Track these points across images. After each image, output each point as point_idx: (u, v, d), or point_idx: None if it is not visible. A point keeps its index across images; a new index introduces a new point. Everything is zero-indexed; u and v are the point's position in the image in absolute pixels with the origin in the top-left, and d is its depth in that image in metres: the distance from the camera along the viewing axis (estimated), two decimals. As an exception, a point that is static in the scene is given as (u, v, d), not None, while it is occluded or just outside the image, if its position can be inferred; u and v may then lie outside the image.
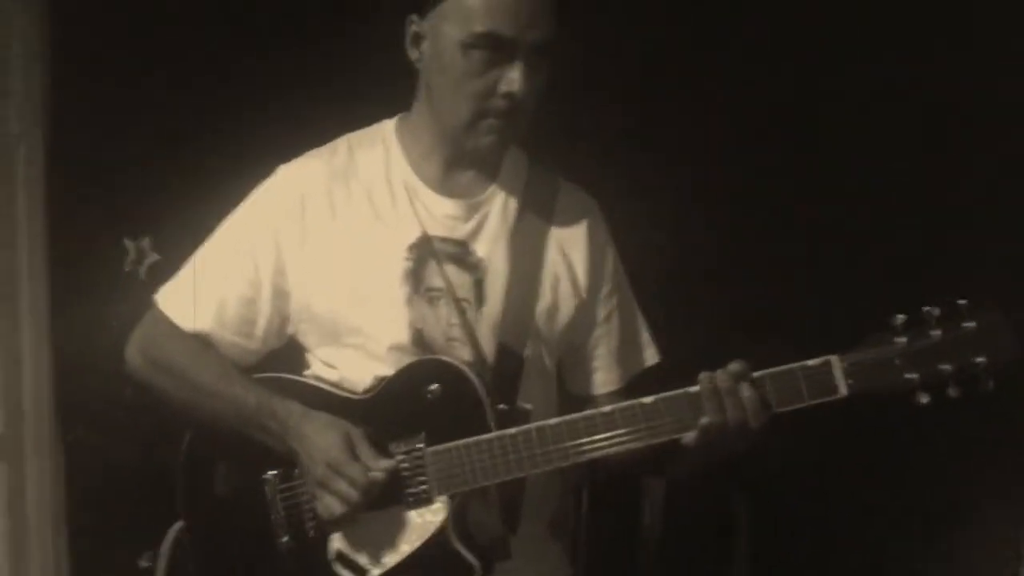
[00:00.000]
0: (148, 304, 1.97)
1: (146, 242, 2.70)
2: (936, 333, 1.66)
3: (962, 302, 1.66)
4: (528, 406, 1.82)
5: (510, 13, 1.74)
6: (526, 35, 1.75)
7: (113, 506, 2.67)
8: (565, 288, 1.91)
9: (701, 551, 2.77)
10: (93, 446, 2.71)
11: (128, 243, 2.71)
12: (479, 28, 1.74)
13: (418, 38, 1.82)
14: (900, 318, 1.67)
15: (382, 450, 1.77)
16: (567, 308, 1.91)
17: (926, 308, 1.67)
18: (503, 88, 1.76)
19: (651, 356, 2.01)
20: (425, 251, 1.85)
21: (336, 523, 1.78)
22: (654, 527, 2.61)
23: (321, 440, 1.76)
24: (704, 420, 1.69)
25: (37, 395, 2.61)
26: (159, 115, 2.68)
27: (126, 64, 2.66)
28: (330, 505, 1.75)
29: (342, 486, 1.74)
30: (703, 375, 1.72)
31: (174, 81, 2.67)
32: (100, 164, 2.67)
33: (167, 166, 2.65)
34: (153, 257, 2.69)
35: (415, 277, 1.84)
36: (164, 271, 2.03)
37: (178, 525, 1.99)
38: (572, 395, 1.98)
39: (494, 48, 1.75)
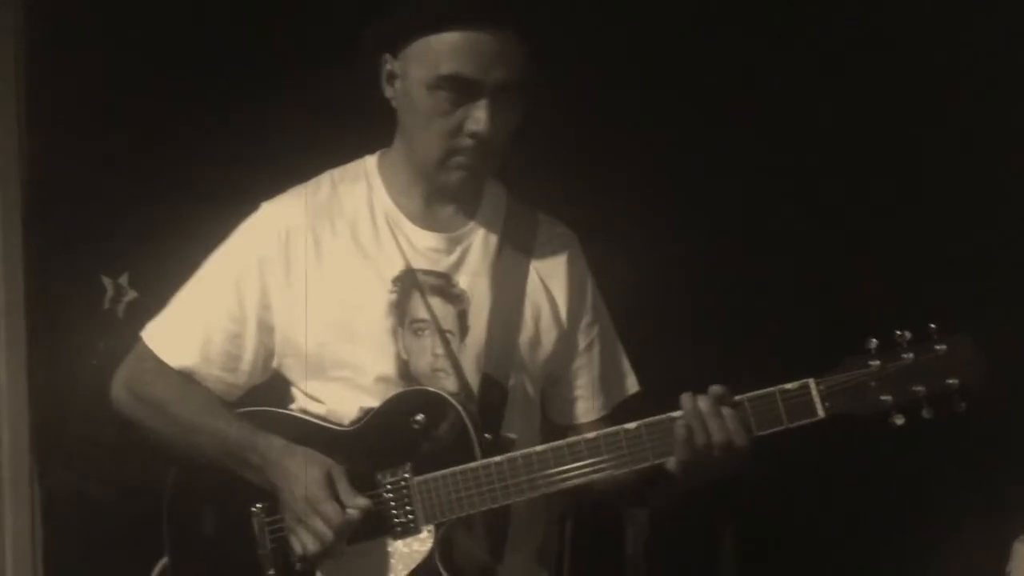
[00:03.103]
0: (131, 341, 1.98)
1: (124, 279, 2.70)
2: (909, 356, 1.70)
3: (932, 326, 1.71)
4: (512, 435, 1.85)
5: (473, 55, 1.77)
6: (489, 76, 1.78)
7: (92, 547, 2.64)
8: (546, 319, 1.94)
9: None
10: (72, 487, 2.69)
11: (106, 280, 2.71)
12: (443, 70, 1.78)
13: (392, 77, 1.86)
14: (873, 342, 1.72)
15: (367, 484, 1.79)
16: (549, 338, 1.94)
17: (898, 332, 1.71)
18: (469, 128, 1.80)
19: (631, 385, 2.04)
20: (409, 283, 1.88)
21: (317, 557, 1.78)
22: (639, 556, 2.62)
23: (301, 474, 1.78)
24: (687, 441, 1.72)
25: (15, 435, 2.60)
26: (136, 152, 2.69)
27: (103, 102, 2.66)
28: (304, 541, 1.77)
29: (317, 523, 1.75)
30: (685, 396, 1.75)
31: (151, 119, 2.68)
32: (78, 201, 2.67)
33: (145, 203, 2.65)
34: (132, 294, 2.69)
35: (400, 309, 1.87)
36: (143, 308, 2.04)
37: (163, 562, 1.99)
38: (554, 424, 2.01)
39: (458, 89, 1.79)
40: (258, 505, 1.85)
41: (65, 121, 2.64)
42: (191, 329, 1.91)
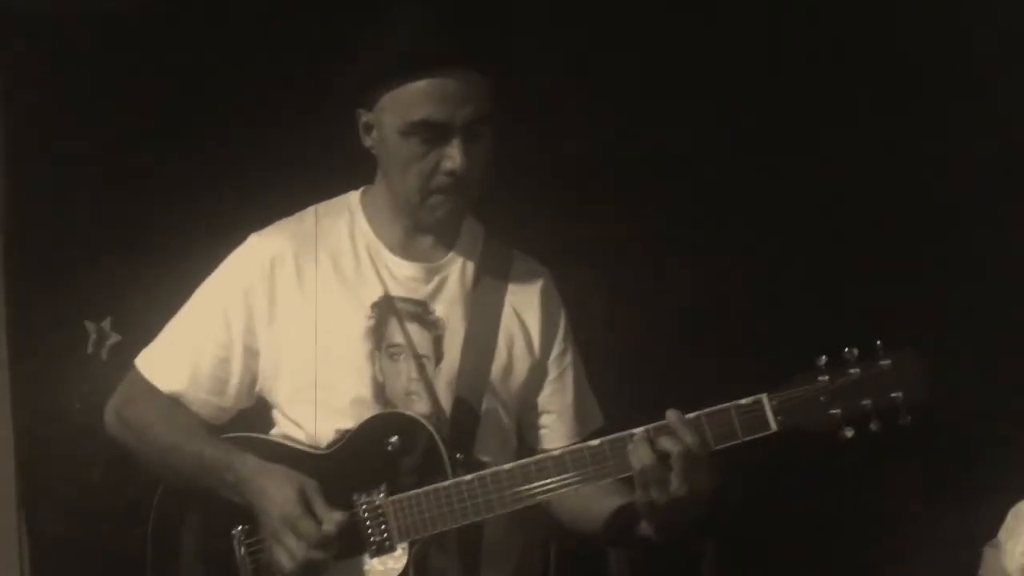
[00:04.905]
0: (115, 385, 2.07)
1: (107, 323, 2.75)
2: (855, 371, 1.79)
3: (878, 342, 1.80)
4: (486, 458, 1.94)
5: (440, 98, 1.88)
6: (458, 115, 1.89)
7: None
8: (519, 348, 2.03)
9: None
10: (59, 529, 2.71)
11: (89, 325, 2.75)
12: (413, 117, 1.89)
13: (368, 127, 1.98)
14: (823, 359, 1.81)
15: (343, 504, 1.86)
16: (522, 367, 2.03)
17: (846, 349, 1.80)
18: (445, 167, 1.91)
19: (599, 418, 2.11)
20: (387, 310, 1.97)
21: (298, 574, 1.83)
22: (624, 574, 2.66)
23: (276, 494, 1.85)
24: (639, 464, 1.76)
25: (0, 480, 2.62)
26: (115, 198, 2.73)
27: (82, 149, 2.71)
28: (281, 560, 1.83)
29: (292, 542, 1.82)
30: (638, 433, 1.79)
31: (130, 165, 2.72)
32: (58, 247, 2.72)
33: (126, 247, 2.70)
34: (115, 338, 2.74)
35: (377, 334, 1.96)
36: (126, 352, 2.12)
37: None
38: (532, 452, 2.06)
39: (429, 133, 1.89)
40: (238, 528, 1.91)
41: (44, 165, 2.69)
42: (181, 355, 2.00)
